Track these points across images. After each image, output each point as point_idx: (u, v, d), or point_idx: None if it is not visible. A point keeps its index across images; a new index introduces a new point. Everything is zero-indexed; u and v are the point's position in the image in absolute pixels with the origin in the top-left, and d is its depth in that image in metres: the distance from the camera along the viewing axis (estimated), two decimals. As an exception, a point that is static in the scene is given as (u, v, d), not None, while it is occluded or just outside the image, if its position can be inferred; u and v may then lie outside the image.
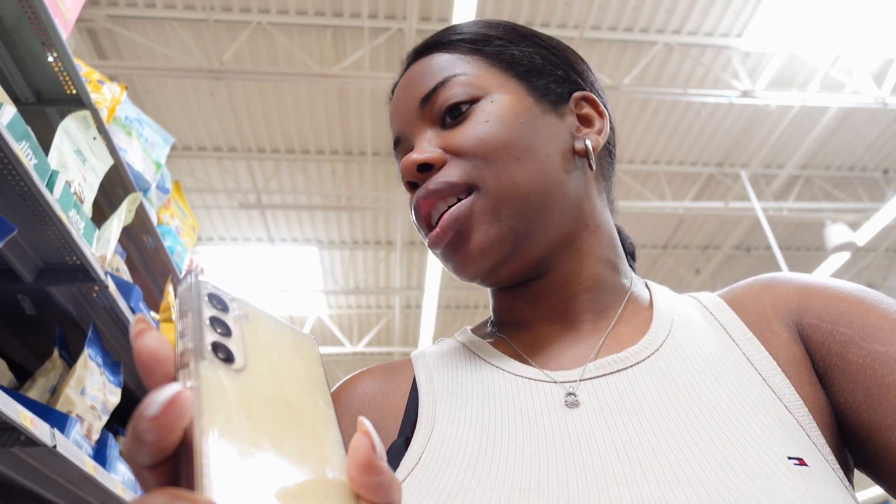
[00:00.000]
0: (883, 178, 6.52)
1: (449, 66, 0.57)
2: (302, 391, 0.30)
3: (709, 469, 0.40)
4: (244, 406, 0.26)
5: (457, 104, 0.55)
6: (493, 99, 0.55)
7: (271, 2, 4.60)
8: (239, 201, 6.06)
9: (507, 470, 0.43)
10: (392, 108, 0.61)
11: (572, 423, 0.46)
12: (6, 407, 1.10)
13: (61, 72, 1.54)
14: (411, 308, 8.19)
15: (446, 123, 0.56)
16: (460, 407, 0.51)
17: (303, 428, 0.28)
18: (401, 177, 0.57)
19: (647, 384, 0.48)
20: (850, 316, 0.48)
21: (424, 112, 0.57)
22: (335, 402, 0.57)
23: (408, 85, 0.59)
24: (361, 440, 0.27)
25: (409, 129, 0.58)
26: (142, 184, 1.95)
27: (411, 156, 0.55)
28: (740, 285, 0.58)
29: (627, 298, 0.57)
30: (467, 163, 0.53)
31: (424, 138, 0.56)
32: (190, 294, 0.29)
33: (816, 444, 0.43)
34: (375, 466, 0.26)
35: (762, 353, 0.49)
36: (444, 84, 0.56)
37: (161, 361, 0.26)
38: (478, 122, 0.54)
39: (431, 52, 0.60)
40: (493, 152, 0.53)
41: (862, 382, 0.45)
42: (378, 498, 0.26)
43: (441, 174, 0.54)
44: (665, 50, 5.12)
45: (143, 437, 0.23)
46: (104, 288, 1.55)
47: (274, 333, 0.31)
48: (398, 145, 0.60)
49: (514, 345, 0.57)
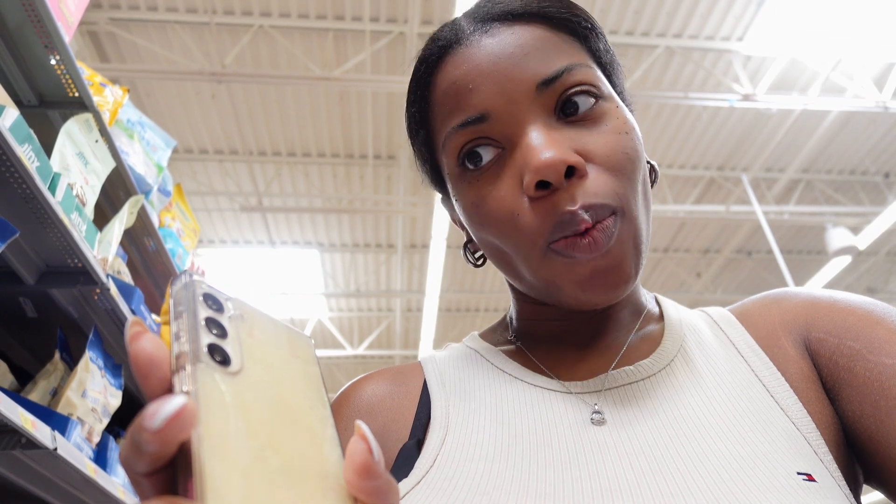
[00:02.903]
0: (884, 181, 6.52)
1: (569, 51, 0.49)
2: (298, 392, 0.30)
3: (720, 482, 0.40)
4: (241, 411, 0.26)
5: (587, 96, 0.48)
6: (618, 105, 0.49)
7: (273, 5, 4.61)
8: (240, 204, 6.06)
9: (524, 477, 0.43)
10: (476, 74, 0.48)
11: (595, 439, 0.46)
12: (7, 409, 1.10)
13: (64, 75, 1.55)
14: (412, 311, 8.18)
15: (567, 117, 0.48)
16: (474, 412, 0.50)
17: (300, 430, 0.28)
18: (532, 174, 0.45)
19: (660, 398, 0.48)
20: (857, 329, 0.48)
21: (540, 97, 0.47)
22: (343, 405, 0.56)
23: (513, 54, 0.48)
24: (359, 444, 0.27)
25: (512, 110, 0.47)
26: (143, 186, 1.96)
27: (558, 154, 0.44)
28: (750, 300, 0.58)
29: (644, 314, 0.57)
30: (613, 179, 0.46)
31: (551, 130, 0.47)
32: (185, 294, 0.28)
33: (824, 461, 0.43)
34: (373, 470, 0.26)
35: (770, 370, 0.49)
36: (571, 70, 0.48)
37: (157, 365, 0.25)
38: (617, 130, 0.47)
39: (532, 22, 0.50)
40: (634, 172, 0.47)
41: (870, 395, 0.44)
42: (375, 501, 0.26)
43: (592, 188, 0.45)
44: (666, 54, 5.13)
45: (143, 448, 0.23)
46: (105, 290, 1.55)
47: (270, 333, 0.31)
48: (480, 122, 0.48)
49: (532, 356, 0.56)
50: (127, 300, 1.69)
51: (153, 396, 0.25)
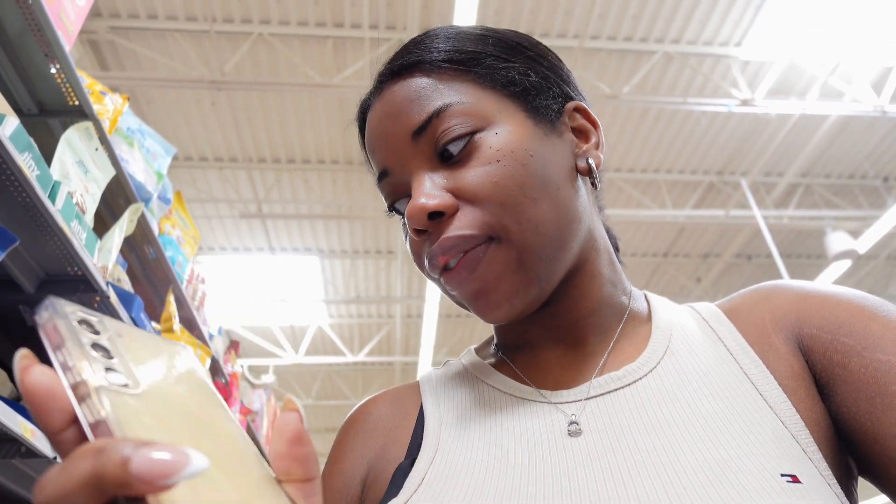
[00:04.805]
0: (883, 185, 6.53)
1: (440, 93, 0.51)
2: (196, 397, 0.30)
3: (699, 488, 0.40)
4: (159, 427, 0.25)
5: (457, 138, 0.50)
6: (498, 131, 0.50)
7: (273, 13, 4.63)
8: (240, 211, 6.07)
9: (508, 493, 0.44)
10: (373, 137, 0.54)
11: (572, 451, 0.46)
12: (7, 418, 1.10)
13: (64, 83, 1.55)
14: (412, 317, 8.17)
15: (446, 159, 0.50)
16: (465, 430, 0.51)
17: (215, 433, 0.28)
18: (406, 224, 0.51)
19: (644, 403, 0.48)
20: (850, 325, 0.48)
21: (418, 145, 0.51)
22: (352, 426, 0.59)
23: (392, 112, 0.52)
24: (291, 415, 0.29)
25: (400, 164, 0.52)
26: (143, 194, 1.96)
27: (419, 202, 0.49)
28: (739, 295, 0.57)
29: (627, 315, 0.57)
30: (483, 211, 0.49)
31: (425, 178, 0.50)
32: (60, 322, 0.27)
33: (812, 460, 0.43)
34: (304, 437, 0.29)
35: (759, 367, 0.49)
36: (439, 115, 0.50)
37: (57, 398, 0.24)
38: (488, 161, 0.49)
39: (413, 73, 0.53)
40: (511, 197, 0.48)
41: (865, 392, 0.44)
42: (306, 470, 0.28)
43: (457, 225, 0.49)
44: (664, 59, 5.14)
45: (108, 485, 0.22)
46: (105, 298, 1.55)
47: (149, 347, 0.31)
48: (384, 178, 0.54)
49: (515, 367, 0.57)
50: (127, 308, 1.68)
51: (56, 431, 0.25)
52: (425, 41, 0.55)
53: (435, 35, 0.55)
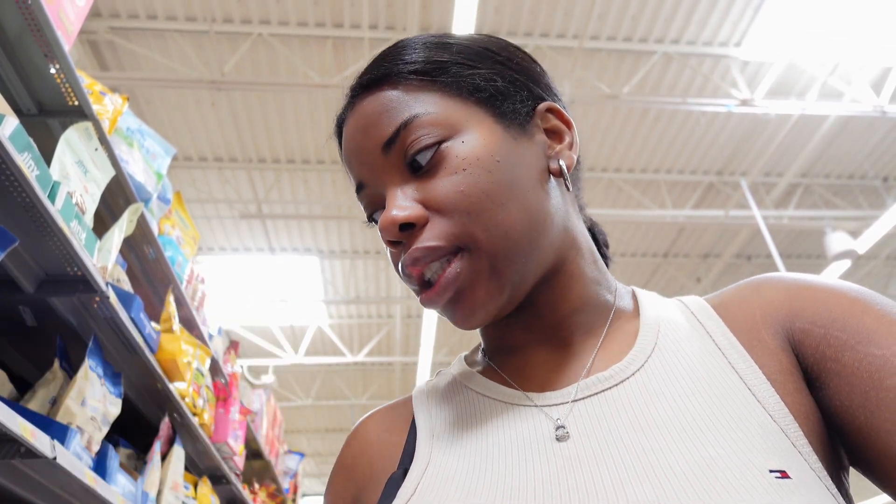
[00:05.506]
0: (882, 185, 6.53)
1: (407, 104, 0.52)
2: None
3: (687, 487, 0.40)
4: None
5: (424, 148, 0.51)
6: (465, 139, 0.51)
7: (272, 13, 4.63)
8: (240, 211, 6.07)
9: (497, 500, 0.44)
10: (348, 150, 0.55)
11: (559, 456, 0.46)
12: (6, 418, 1.10)
13: (63, 83, 1.55)
14: (412, 317, 8.18)
15: (416, 170, 0.51)
16: (455, 440, 0.52)
17: None
18: (380, 235, 0.52)
19: (632, 403, 0.48)
20: (843, 319, 0.47)
21: (389, 158, 0.52)
22: (353, 441, 0.61)
23: (363, 126, 0.53)
24: None
25: (374, 176, 0.54)
26: (143, 194, 1.96)
27: (390, 214, 0.50)
28: (729, 289, 0.57)
29: (613, 313, 0.57)
30: (451, 221, 0.50)
31: (397, 190, 0.52)
32: None
33: (802, 453, 0.43)
34: None
35: (747, 362, 0.49)
36: (406, 127, 0.51)
37: None
38: (454, 170, 0.50)
39: (381, 86, 0.54)
40: (477, 205, 0.49)
41: (859, 386, 0.44)
42: None
43: (426, 237, 0.50)
44: (664, 59, 5.15)
45: None
46: (105, 299, 1.55)
47: None
48: (362, 190, 0.56)
49: (502, 371, 0.57)
50: (126, 308, 1.68)
51: None
52: (393, 54, 0.56)
53: (403, 47, 0.56)
